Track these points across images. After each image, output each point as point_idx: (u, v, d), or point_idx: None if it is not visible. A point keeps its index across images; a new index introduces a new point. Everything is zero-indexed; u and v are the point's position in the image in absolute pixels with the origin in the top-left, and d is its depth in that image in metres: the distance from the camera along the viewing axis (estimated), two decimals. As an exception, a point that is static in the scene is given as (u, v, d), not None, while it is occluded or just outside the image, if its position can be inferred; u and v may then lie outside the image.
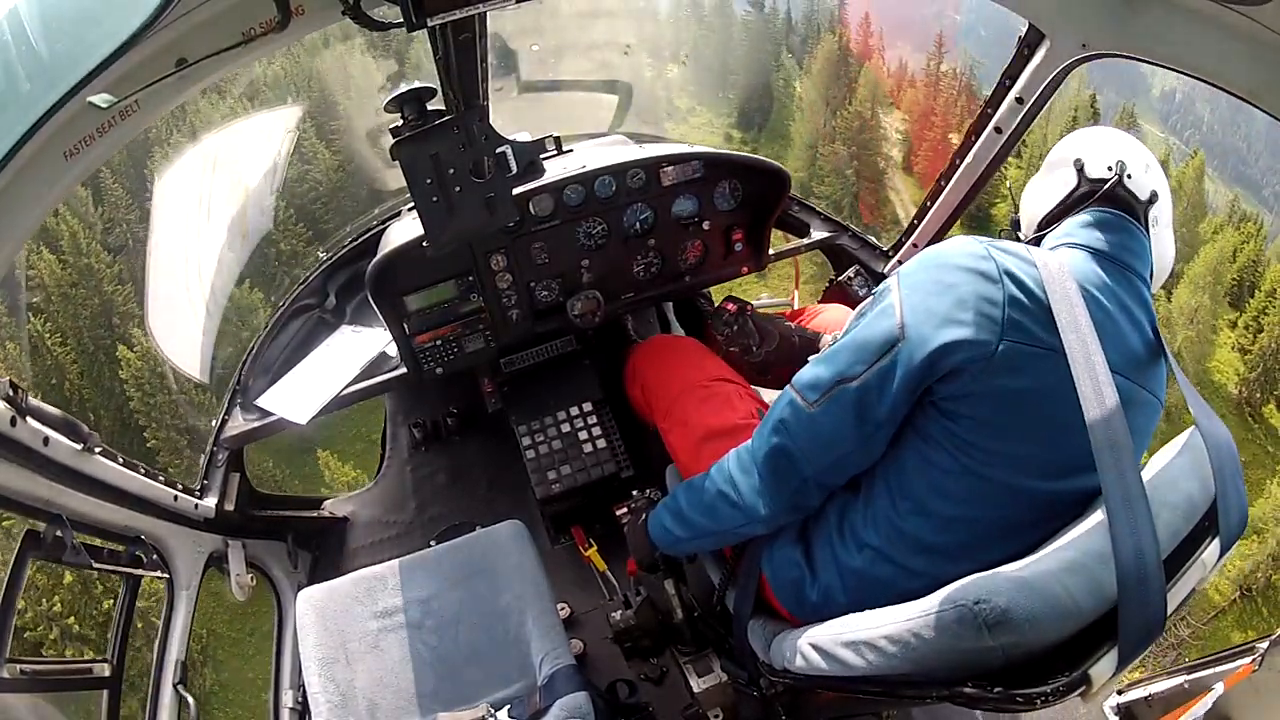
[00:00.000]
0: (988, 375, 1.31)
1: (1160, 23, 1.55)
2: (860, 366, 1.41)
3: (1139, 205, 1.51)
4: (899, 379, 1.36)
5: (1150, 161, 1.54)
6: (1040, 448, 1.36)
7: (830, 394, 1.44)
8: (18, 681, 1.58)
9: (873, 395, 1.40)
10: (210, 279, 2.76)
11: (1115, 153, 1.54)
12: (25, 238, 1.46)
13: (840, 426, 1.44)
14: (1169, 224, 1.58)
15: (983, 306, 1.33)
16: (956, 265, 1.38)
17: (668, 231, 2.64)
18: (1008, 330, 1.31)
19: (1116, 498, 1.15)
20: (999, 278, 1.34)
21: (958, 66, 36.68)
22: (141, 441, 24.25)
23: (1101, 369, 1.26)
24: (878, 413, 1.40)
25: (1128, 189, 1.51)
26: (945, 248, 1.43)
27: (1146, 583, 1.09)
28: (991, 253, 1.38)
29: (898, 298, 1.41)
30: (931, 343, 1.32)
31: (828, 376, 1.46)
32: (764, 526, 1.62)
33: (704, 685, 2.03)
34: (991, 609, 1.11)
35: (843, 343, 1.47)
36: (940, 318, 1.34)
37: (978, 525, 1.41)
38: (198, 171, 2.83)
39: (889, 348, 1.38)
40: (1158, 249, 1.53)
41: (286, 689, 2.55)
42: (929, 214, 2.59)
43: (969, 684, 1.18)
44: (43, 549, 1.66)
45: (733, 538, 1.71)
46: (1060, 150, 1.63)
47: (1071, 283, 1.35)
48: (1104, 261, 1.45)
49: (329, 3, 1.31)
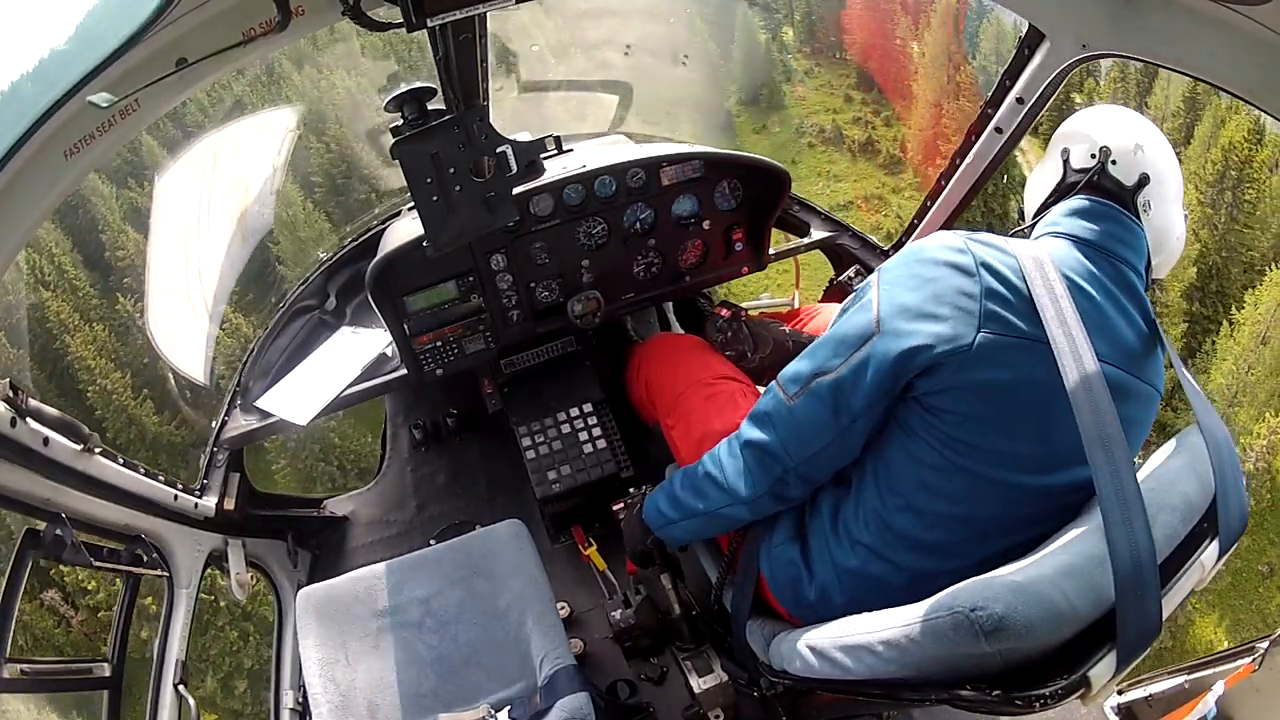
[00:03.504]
0: (967, 368, 1.32)
1: (1160, 23, 1.55)
2: (837, 360, 1.43)
3: (1127, 191, 1.49)
4: (872, 373, 1.37)
5: (1144, 142, 1.50)
6: (1028, 442, 1.36)
7: (808, 387, 1.47)
8: (18, 681, 1.58)
9: (848, 388, 1.41)
10: (211, 279, 2.76)
11: (1101, 138, 1.52)
12: (26, 238, 1.46)
13: (817, 419, 1.46)
14: (1174, 200, 1.53)
15: (958, 300, 1.33)
16: (933, 259, 1.39)
17: (668, 231, 2.64)
18: (985, 322, 1.31)
19: (1111, 498, 1.15)
20: (975, 270, 1.35)
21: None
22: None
23: (1089, 359, 1.26)
24: (853, 406, 1.42)
25: (1112, 176, 1.49)
26: (924, 242, 1.45)
27: (1143, 585, 1.09)
28: (969, 245, 1.38)
29: (876, 293, 1.42)
30: (904, 341, 1.33)
31: (807, 370, 1.48)
32: (747, 510, 1.63)
33: (705, 685, 2.03)
34: (988, 616, 1.11)
35: (823, 337, 1.49)
36: (914, 313, 1.34)
37: (968, 522, 1.42)
38: (198, 171, 2.82)
39: (863, 341, 1.39)
40: (1156, 233, 1.51)
41: (286, 689, 2.55)
42: (929, 214, 2.60)
43: (967, 687, 1.17)
44: (43, 548, 1.66)
45: (719, 521, 1.71)
46: (1055, 136, 1.63)
47: (1053, 271, 1.35)
48: (1088, 250, 1.44)
49: (329, 3, 1.31)
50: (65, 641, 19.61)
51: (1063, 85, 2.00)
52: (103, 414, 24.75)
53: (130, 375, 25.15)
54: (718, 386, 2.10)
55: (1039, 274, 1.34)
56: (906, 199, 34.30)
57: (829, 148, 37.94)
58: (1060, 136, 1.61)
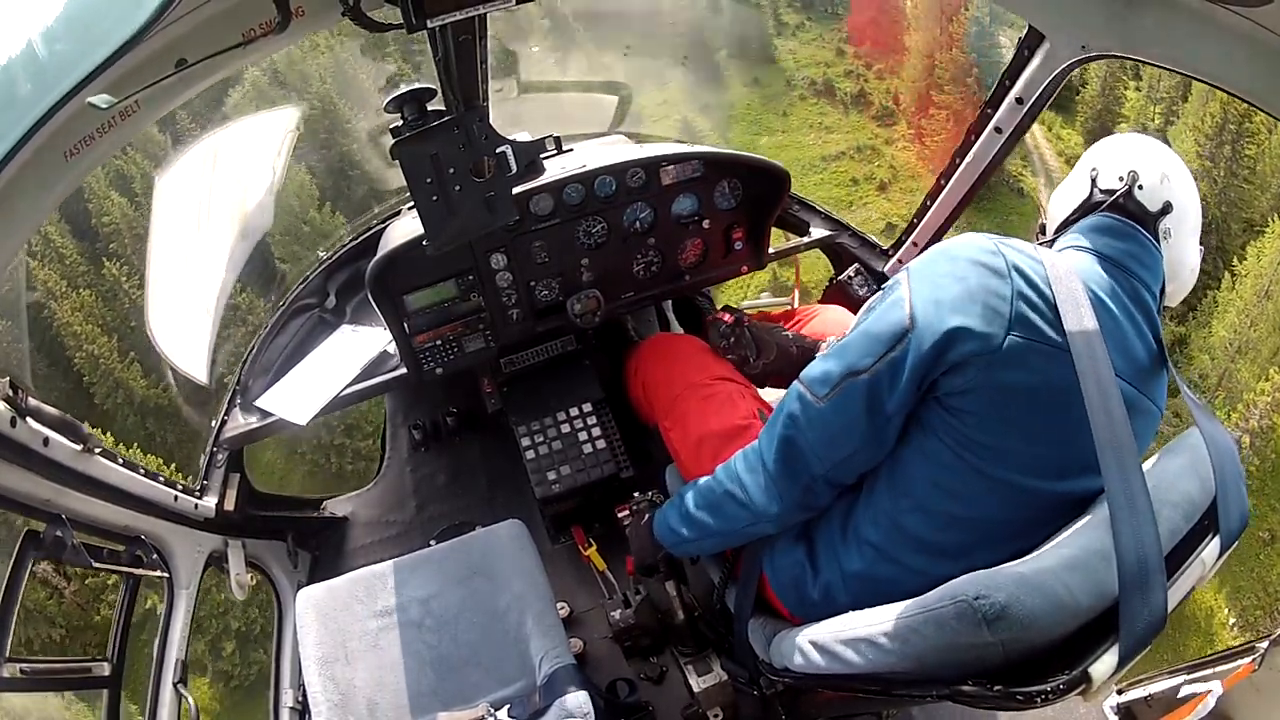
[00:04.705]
0: (993, 369, 1.32)
1: (1160, 24, 1.55)
2: (870, 359, 1.41)
3: (1149, 217, 1.51)
4: (909, 369, 1.37)
5: (1170, 172, 1.53)
6: (1044, 447, 1.36)
7: (840, 387, 1.44)
8: (17, 681, 1.58)
9: (883, 387, 1.40)
10: (211, 279, 2.76)
11: (1130, 163, 1.53)
12: (26, 238, 1.46)
13: (851, 420, 1.44)
14: (1192, 234, 1.56)
15: (990, 300, 1.33)
16: (966, 259, 1.39)
17: (668, 230, 2.64)
18: (1015, 325, 1.32)
19: (1120, 496, 1.16)
20: (1007, 273, 1.35)
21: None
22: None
23: (1106, 370, 1.27)
24: (887, 406, 1.40)
25: (1137, 200, 1.51)
26: (955, 242, 1.44)
27: (1148, 581, 1.09)
28: (1000, 248, 1.39)
29: (907, 290, 1.41)
30: (940, 328, 1.33)
31: (838, 370, 1.45)
32: (774, 526, 1.62)
33: (704, 684, 2.04)
34: (991, 604, 1.11)
35: (852, 336, 1.47)
36: (949, 308, 1.34)
37: (979, 525, 1.42)
38: (198, 170, 2.82)
39: (899, 339, 1.38)
40: (1173, 262, 1.53)
41: (286, 688, 2.56)
42: (929, 213, 2.60)
43: (969, 682, 1.18)
44: (43, 549, 1.66)
45: (740, 538, 1.70)
46: (1084, 157, 1.64)
47: (1077, 282, 1.36)
48: (1109, 266, 1.45)
49: (329, 3, 1.31)
50: (58, 612, 19.53)
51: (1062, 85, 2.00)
52: (90, 379, 24.62)
53: (117, 339, 24.95)
54: (715, 387, 2.10)
55: (1066, 283, 1.35)
56: (900, 150, 33.81)
57: (821, 100, 36.76)
58: (1090, 157, 1.62)
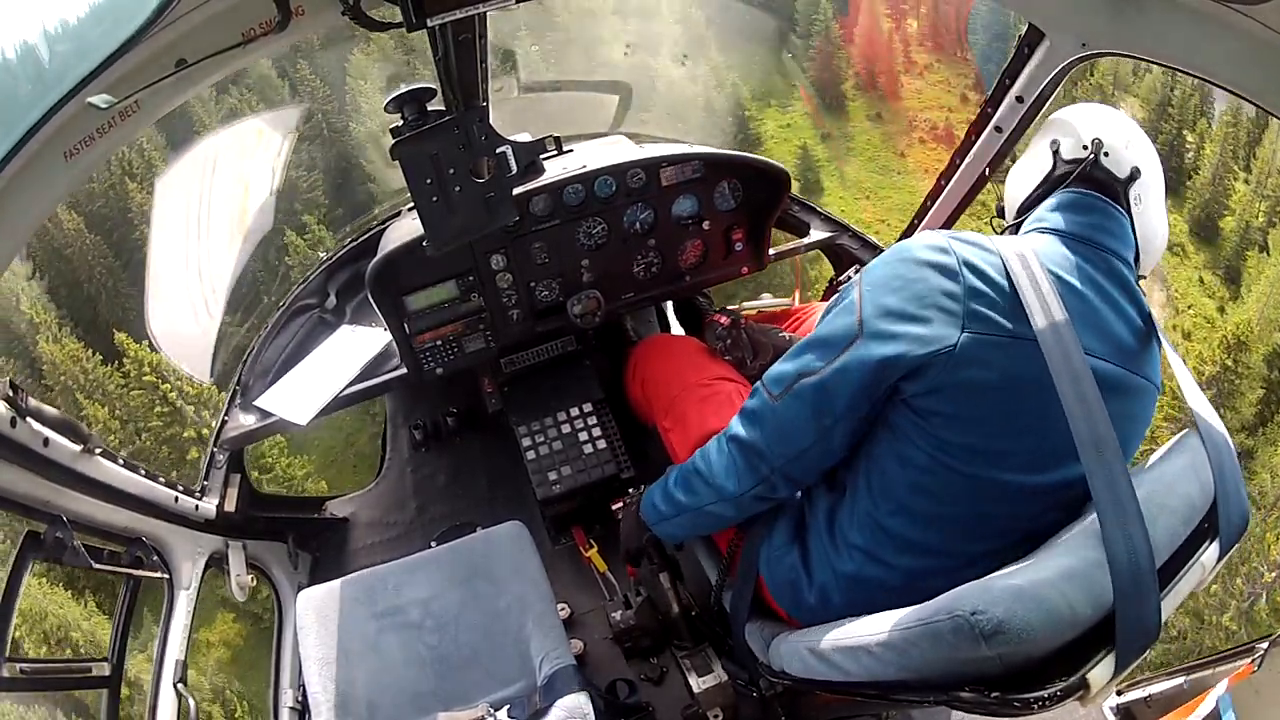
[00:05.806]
0: (953, 369, 1.31)
1: (1160, 22, 1.55)
2: (819, 363, 1.42)
3: (1118, 184, 1.49)
4: (855, 375, 1.37)
5: (1133, 137, 1.51)
6: (1017, 440, 1.35)
7: (792, 388, 1.46)
8: (17, 681, 1.58)
9: (830, 391, 1.41)
10: (211, 278, 2.76)
11: (1093, 130, 1.51)
12: (26, 238, 1.46)
13: (799, 420, 1.46)
14: (1158, 199, 1.54)
15: (941, 301, 1.32)
16: (916, 260, 1.38)
17: (668, 231, 2.64)
18: (969, 323, 1.31)
19: (1106, 503, 1.14)
20: (958, 270, 1.34)
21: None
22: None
23: (1078, 357, 1.25)
24: (835, 408, 1.41)
25: (1104, 167, 1.49)
26: (907, 243, 1.44)
27: (1141, 587, 1.09)
28: (951, 245, 1.38)
29: (859, 294, 1.42)
30: (886, 346, 1.33)
31: (792, 371, 1.48)
32: (732, 508, 1.63)
33: (704, 685, 2.03)
34: (988, 619, 1.10)
35: (808, 339, 1.49)
36: (897, 314, 1.34)
37: (961, 521, 1.41)
38: (198, 171, 2.83)
39: (847, 344, 1.39)
40: (1143, 228, 1.51)
41: (286, 689, 2.55)
42: (929, 213, 2.60)
43: (966, 689, 1.17)
44: (43, 550, 1.66)
45: (707, 518, 1.71)
46: (1040, 132, 1.62)
47: (1039, 268, 1.34)
48: (1075, 244, 1.43)
49: (329, 3, 1.31)
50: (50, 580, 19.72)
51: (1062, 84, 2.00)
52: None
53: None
54: (714, 388, 2.10)
55: (1024, 271, 1.33)
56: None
57: (940, 145, 36.83)
58: (1048, 129, 1.60)
